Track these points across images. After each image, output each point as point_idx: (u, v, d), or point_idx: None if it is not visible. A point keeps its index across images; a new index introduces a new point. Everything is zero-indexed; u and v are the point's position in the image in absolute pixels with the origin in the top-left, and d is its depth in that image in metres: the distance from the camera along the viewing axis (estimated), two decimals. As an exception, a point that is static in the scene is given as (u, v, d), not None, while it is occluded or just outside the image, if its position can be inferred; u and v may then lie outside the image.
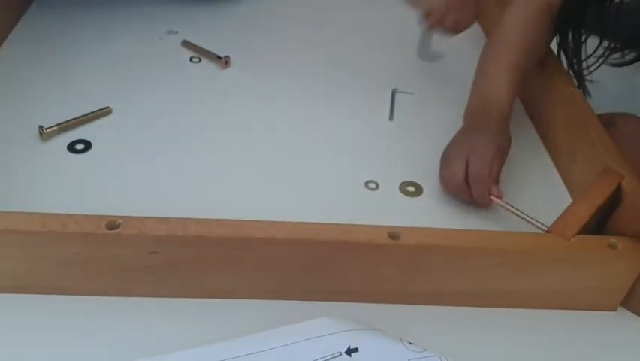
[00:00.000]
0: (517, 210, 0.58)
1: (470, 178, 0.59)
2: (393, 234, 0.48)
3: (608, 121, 0.67)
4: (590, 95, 0.71)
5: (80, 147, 0.63)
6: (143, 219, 0.46)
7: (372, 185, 0.63)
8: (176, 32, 0.83)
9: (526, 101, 0.77)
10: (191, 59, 0.79)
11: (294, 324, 0.45)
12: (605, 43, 0.69)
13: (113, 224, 0.45)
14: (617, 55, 0.70)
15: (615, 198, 0.55)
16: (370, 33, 0.90)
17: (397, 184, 0.64)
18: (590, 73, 0.71)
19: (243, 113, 0.71)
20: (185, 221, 0.46)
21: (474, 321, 0.50)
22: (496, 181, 0.59)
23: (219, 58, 0.78)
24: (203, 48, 0.79)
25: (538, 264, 0.49)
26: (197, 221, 0.47)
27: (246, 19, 0.88)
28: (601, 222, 0.54)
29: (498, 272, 0.49)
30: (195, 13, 0.88)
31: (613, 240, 0.50)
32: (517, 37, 0.68)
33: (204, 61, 0.79)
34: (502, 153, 0.61)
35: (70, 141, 0.63)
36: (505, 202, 0.58)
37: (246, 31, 0.86)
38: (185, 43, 0.81)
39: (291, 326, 0.45)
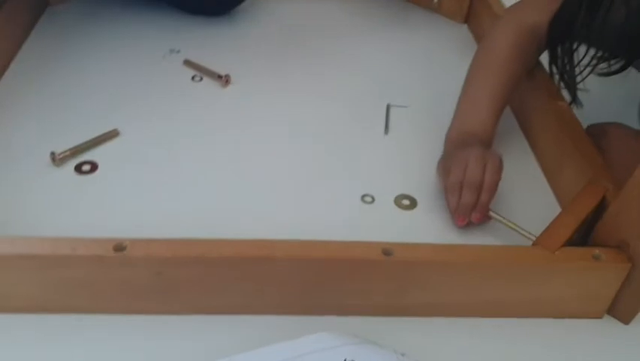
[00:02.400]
0: (509, 221, 0.60)
1: (486, 183, 0.61)
2: (387, 250, 0.50)
3: (599, 131, 0.69)
4: (581, 105, 0.73)
5: (86, 168, 0.65)
6: (148, 241, 0.49)
7: (369, 199, 0.66)
8: (179, 51, 0.85)
9: (517, 111, 0.79)
10: (192, 78, 0.81)
11: (294, 339, 0.48)
12: (592, 52, 0.71)
13: (120, 246, 0.48)
14: (604, 64, 0.72)
15: (600, 210, 0.57)
16: (365, 49, 0.92)
17: (392, 198, 0.66)
18: (579, 82, 0.73)
19: (242, 130, 0.74)
20: (188, 242, 0.49)
21: (464, 331, 0.53)
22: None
23: (220, 76, 0.80)
24: (204, 67, 0.82)
25: (524, 276, 0.51)
26: (200, 242, 0.49)
27: (246, 38, 0.91)
28: (587, 233, 0.57)
29: (487, 284, 0.52)
30: (196, 33, 0.90)
31: (597, 251, 0.52)
32: (503, 63, 0.71)
33: (206, 79, 0.81)
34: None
35: (78, 162, 0.66)
36: (497, 213, 0.61)
37: (245, 50, 0.88)
38: (187, 63, 0.83)
39: (291, 340, 0.48)
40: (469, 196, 0.60)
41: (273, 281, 0.50)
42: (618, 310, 0.55)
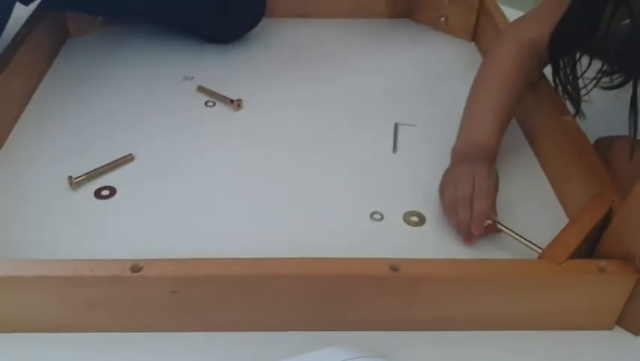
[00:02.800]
0: (515, 233, 0.61)
1: (475, 192, 0.62)
2: (394, 266, 0.52)
3: (606, 145, 0.70)
4: (585, 116, 0.74)
5: (105, 193, 0.68)
6: (163, 262, 0.51)
7: (378, 216, 0.67)
8: (192, 78, 0.88)
9: (524, 124, 0.80)
10: (206, 103, 0.84)
11: (305, 354, 0.49)
12: (595, 64, 0.72)
13: (136, 267, 0.50)
14: (607, 78, 0.73)
15: (607, 222, 0.57)
16: (373, 69, 0.94)
17: (401, 215, 0.67)
18: (584, 95, 0.74)
19: (254, 152, 0.76)
20: (200, 262, 0.51)
21: (473, 344, 0.53)
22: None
23: (232, 101, 0.83)
24: (217, 92, 0.85)
25: (531, 289, 0.52)
26: (212, 261, 0.51)
27: (256, 63, 0.94)
28: (593, 245, 0.57)
29: (493, 298, 0.53)
30: (209, 60, 0.93)
31: (602, 263, 0.53)
32: (505, 78, 0.72)
33: (219, 104, 0.84)
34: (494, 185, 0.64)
35: (97, 187, 0.69)
36: (504, 226, 0.62)
37: (256, 75, 0.91)
38: (201, 89, 0.86)
39: (302, 355, 0.49)
40: (464, 213, 0.61)
41: (283, 298, 0.52)
42: (628, 321, 0.55)
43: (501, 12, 0.94)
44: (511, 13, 0.97)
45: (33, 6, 0.87)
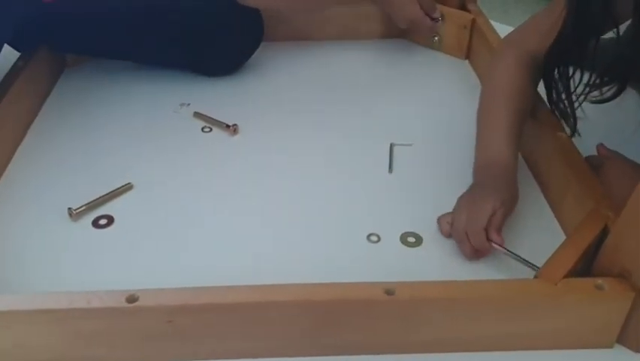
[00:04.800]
0: (515, 254, 0.61)
1: (467, 230, 0.62)
2: (389, 290, 0.51)
3: (598, 163, 0.70)
4: (579, 134, 0.74)
5: (103, 222, 0.68)
6: (159, 291, 0.51)
7: (374, 238, 0.67)
8: (189, 104, 0.89)
9: (521, 143, 0.80)
10: (202, 129, 0.85)
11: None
12: (585, 81, 0.72)
13: (132, 298, 0.50)
14: (597, 92, 0.73)
15: (602, 239, 0.57)
16: (368, 90, 0.95)
17: (398, 235, 0.67)
18: (576, 108, 0.74)
19: (251, 177, 0.76)
20: (196, 290, 0.51)
21: (468, 365, 0.53)
22: (499, 230, 0.62)
23: (228, 126, 0.83)
24: (213, 118, 0.85)
25: (528, 310, 0.52)
26: (208, 289, 0.51)
27: (251, 88, 0.94)
28: (591, 262, 0.57)
29: (490, 319, 0.52)
30: (205, 86, 0.94)
31: (599, 281, 0.53)
32: (509, 96, 0.72)
33: (215, 130, 0.85)
34: (505, 206, 0.63)
35: (95, 217, 0.69)
36: (504, 248, 0.62)
37: (251, 99, 0.92)
38: (197, 114, 0.87)
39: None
40: (462, 246, 0.63)
41: (279, 325, 0.52)
42: (628, 338, 0.55)
43: (493, 30, 0.95)
44: (501, 29, 0.99)
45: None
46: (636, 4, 0.64)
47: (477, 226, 0.61)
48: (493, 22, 1.07)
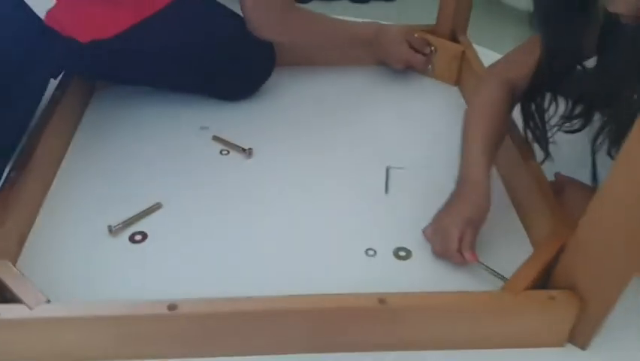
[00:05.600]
0: (488, 267, 0.72)
1: (444, 255, 0.75)
2: (382, 299, 0.63)
3: (559, 187, 0.81)
4: (552, 158, 0.85)
5: (138, 237, 0.80)
6: (194, 301, 0.63)
7: (371, 252, 0.79)
8: (207, 128, 1.00)
9: (501, 170, 0.91)
10: (221, 152, 0.96)
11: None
12: (560, 110, 0.83)
13: (172, 306, 0.62)
14: (568, 123, 0.84)
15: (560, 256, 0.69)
16: (370, 116, 1.06)
17: (392, 250, 0.79)
18: (550, 137, 0.85)
19: (264, 195, 0.88)
20: (224, 301, 0.63)
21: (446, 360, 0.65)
22: (471, 248, 0.73)
23: (244, 150, 0.95)
24: (230, 142, 0.97)
25: (494, 316, 0.64)
26: (233, 300, 0.63)
27: (265, 114, 1.05)
28: (550, 275, 0.69)
29: (464, 323, 0.64)
30: (222, 111, 1.05)
31: (553, 293, 0.64)
32: (486, 119, 0.82)
33: (232, 153, 0.96)
34: (472, 223, 0.74)
35: (131, 233, 0.81)
36: (479, 262, 0.73)
37: (265, 125, 1.03)
38: (216, 138, 0.98)
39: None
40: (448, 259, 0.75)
41: (290, 328, 0.64)
42: (575, 338, 0.67)
43: (479, 61, 1.06)
44: (487, 54, 1.11)
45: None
46: (598, 43, 0.74)
47: (450, 251, 0.73)
48: (482, 48, 1.19)
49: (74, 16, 0.84)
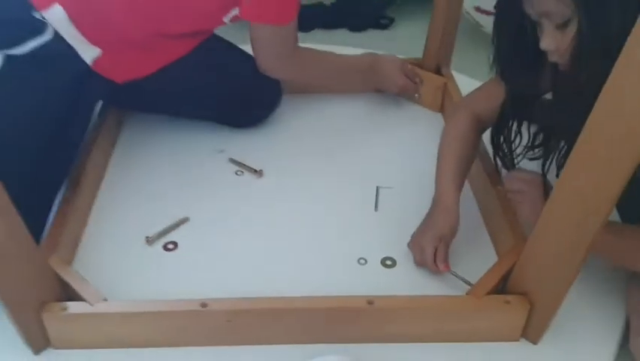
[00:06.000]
0: (458, 275, 0.88)
1: (423, 265, 0.91)
2: (370, 301, 0.79)
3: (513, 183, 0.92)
4: None
5: (171, 246, 0.96)
6: (221, 300, 0.79)
7: (362, 261, 0.95)
8: (224, 151, 1.16)
9: (474, 190, 1.07)
10: (236, 172, 1.12)
11: (311, 360, 0.77)
12: (524, 141, 0.98)
13: (204, 304, 0.78)
14: (531, 152, 0.99)
15: (516, 267, 0.85)
16: (364, 140, 1.22)
17: (379, 259, 0.95)
18: (517, 163, 1.00)
19: (271, 210, 1.04)
20: (245, 300, 0.79)
21: (420, 351, 0.82)
22: (445, 259, 0.89)
23: (256, 171, 1.11)
24: (244, 164, 1.13)
25: (459, 316, 0.80)
26: (252, 300, 0.79)
27: (273, 142, 1.21)
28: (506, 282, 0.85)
29: (436, 321, 0.81)
30: (237, 137, 1.20)
31: (508, 298, 0.80)
32: (456, 150, 0.97)
33: (246, 173, 1.12)
34: (444, 239, 0.90)
35: (164, 242, 0.97)
36: (451, 271, 0.89)
37: (273, 150, 1.18)
38: (232, 160, 1.14)
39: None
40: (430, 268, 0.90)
41: (295, 323, 0.80)
42: (528, 334, 0.83)
43: (459, 92, 1.22)
44: (469, 82, 1.26)
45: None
46: (552, 85, 0.87)
47: (427, 263, 0.89)
48: (464, 76, 1.35)
49: (114, 62, 1.00)
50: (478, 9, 1.48)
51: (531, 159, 0.99)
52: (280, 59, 1.11)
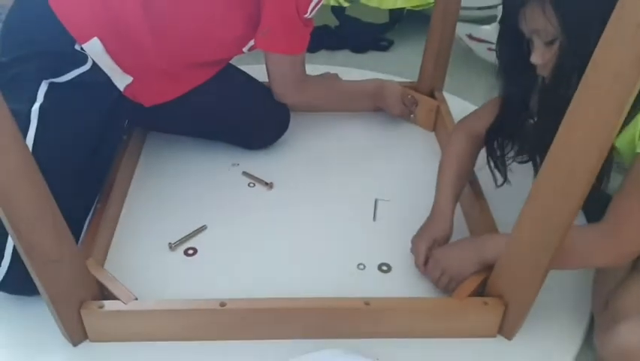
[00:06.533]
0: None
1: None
2: (367, 302, 0.91)
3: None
4: (509, 182, 1.08)
5: (191, 252, 1.08)
6: (237, 300, 0.91)
7: (362, 266, 1.07)
8: (238, 164, 1.28)
9: (463, 205, 1.19)
10: (249, 184, 1.24)
11: (314, 353, 0.88)
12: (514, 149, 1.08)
13: (223, 303, 0.90)
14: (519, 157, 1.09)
15: (495, 273, 0.97)
16: (362, 155, 1.34)
17: (377, 265, 1.07)
18: (508, 164, 1.09)
19: (280, 219, 1.16)
20: (257, 301, 0.91)
21: (411, 345, 0.93)
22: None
23: (266, 183, 1.23)
24: (256, 176, 1.25)
25: (444, 315, 0.92)
26: (263, 300, 0.91)
27: (283, 156, 1.33)
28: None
29: (424, 320, 0.93)
30: (250, 152, 1.32)
31: (486, 300, 0.92)
32: (454, 169, 1.08)
33: (257, 185, 1.24)
34: (437, 243, 1.01)
35: (185, 248, 1.09)
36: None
37: (283, 164, 1.30)
38: (245, 173, 1.26)
39: (311, 353, 0.88)
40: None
41: (300, 321, 0.92)
42: (504, 331, 0.94)
43: (450, 114, 1.34)
44: (458, 102, 1.39)
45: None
46: (539, 108, 0.98)
47: (417, 264, 1.01)
48: (458, 98, 1.47)
49: (143, 89, 1.13)
50: (470, 36, 1.60)
51: (520, 162, 1.07)
52: (293, 84, 1.24)
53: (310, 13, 1.14)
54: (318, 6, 1.14)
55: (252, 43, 1.19)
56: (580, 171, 0.72)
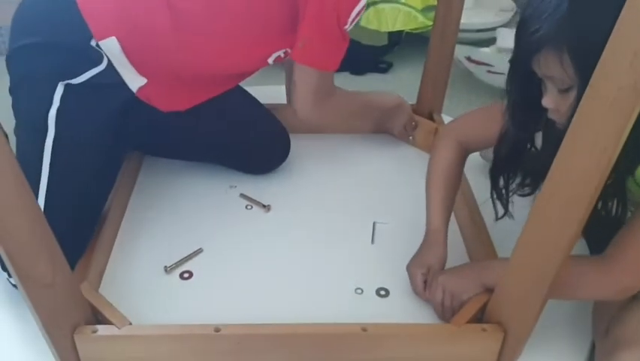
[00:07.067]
0: (443, 304, 0.99)
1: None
2: (364, 328, 0.90)
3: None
4: (511, 214, 1.08)
5: (186, 275, 1.07)
6: (232, 326, 0.89)
7: (359, 291, 1.06)
8: (235, 187, 1.28)
9: (461, 227, 1.18)
10: (246, 207, 1.23)
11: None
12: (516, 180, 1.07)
13: (217, 329, 0.89)
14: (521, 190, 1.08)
15: (494, 299, 0.95)
16: (362, 176, 1.34)
17: (374, 289, 1.06)
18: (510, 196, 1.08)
19: (277, 242, 1.15)
20: (252, 326, 0.90)
21: (410, 373, 0.92)
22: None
23: (264, 206, 1.22)
24: (254, 198, 1.24)
25: (442, 342, 0.90)
26: (257, 326, 0.90)
27: (280, 179, 1.32)
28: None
29: (422, 345, 0.91)
30: (248, 174, 1.32)
31: (485, 326, 0.91)
32: (442, 182, 1.07)
33: (255, 208, 1.23)
34: (432, 268, 1.00)
35: (180, 272, 1.08)
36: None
37: (280, 187, 1.30)
38: (242, 195, 1.26)
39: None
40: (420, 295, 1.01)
41: (298, 347, 0.90)
42: (502, 358, 0.92)
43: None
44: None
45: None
46: (543, 133, 0.97)
47: (416, 290, 1.00)
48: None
49: (158, 93, 1.12)
50: (468, 59, 1.61)
51: (520, 195, 1.06)
52: (316, 100, 1.19)
53: (350, 24, 1.11)
54: (358, 17, 1.12)
55: (277, 53, 1.16)
56: (578, 197, 0.72)
